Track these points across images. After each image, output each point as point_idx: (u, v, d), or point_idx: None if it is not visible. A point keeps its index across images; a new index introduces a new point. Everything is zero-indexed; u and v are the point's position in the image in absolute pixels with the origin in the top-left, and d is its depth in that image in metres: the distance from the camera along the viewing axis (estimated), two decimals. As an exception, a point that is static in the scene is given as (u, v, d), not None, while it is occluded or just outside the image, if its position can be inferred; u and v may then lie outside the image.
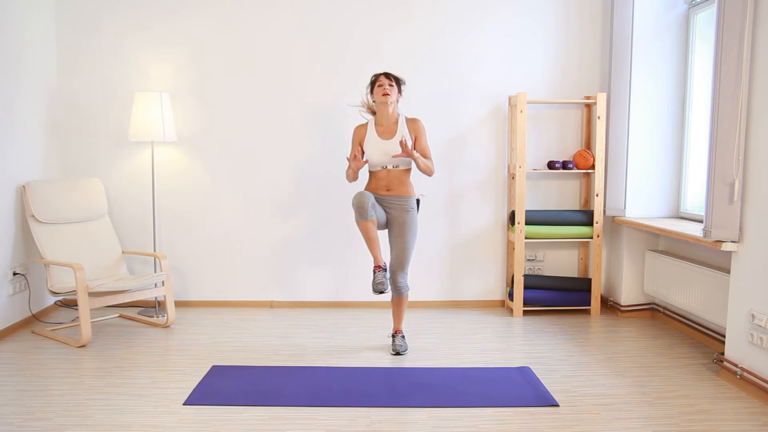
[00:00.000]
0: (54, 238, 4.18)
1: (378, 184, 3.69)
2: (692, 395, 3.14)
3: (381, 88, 3.65)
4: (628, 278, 4.55)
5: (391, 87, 3.65)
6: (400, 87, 3.73)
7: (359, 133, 3.75)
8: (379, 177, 3.69)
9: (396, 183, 3.67)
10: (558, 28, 4.69)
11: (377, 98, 3.67)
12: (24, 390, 3.17)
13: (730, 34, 3.15)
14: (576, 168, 4.61)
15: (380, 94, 3.65)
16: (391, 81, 3.67)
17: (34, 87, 4.37)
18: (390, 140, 3.65)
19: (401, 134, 3.66)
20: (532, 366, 3.53)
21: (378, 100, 3.67)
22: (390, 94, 3.64)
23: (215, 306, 4.78)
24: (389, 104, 3.66)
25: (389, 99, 3.64)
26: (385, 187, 3.68)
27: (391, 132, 3.68)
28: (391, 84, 3.66)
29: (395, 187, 3.68)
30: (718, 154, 3.24)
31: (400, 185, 3.68)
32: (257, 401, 3.03)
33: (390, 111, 3.68)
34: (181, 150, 4.69)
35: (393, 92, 3.66)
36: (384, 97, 3.63)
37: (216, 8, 4.61)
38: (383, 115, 3.70)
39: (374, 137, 3.67)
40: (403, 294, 3.74)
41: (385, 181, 3.68)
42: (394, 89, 3.66)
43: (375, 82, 3.70)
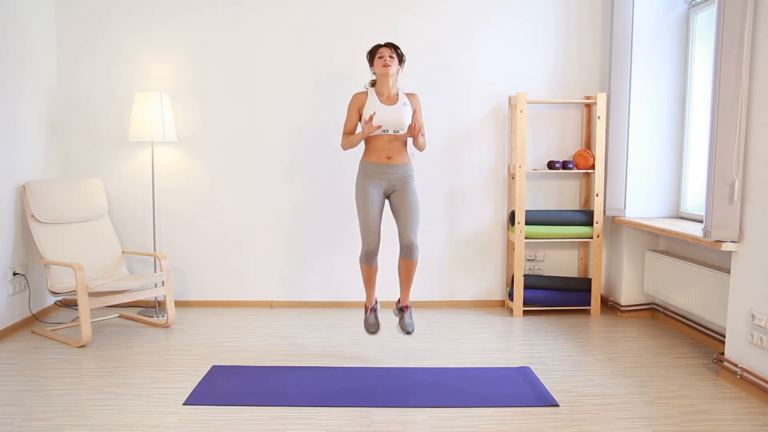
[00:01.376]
0: (54, 238, 4.18)
1: (379, 154, 3.61)
2: (692, 395, 3.14)
3: (381, 59, 3.58)
4: (628, 278, 4.55)
5: (391, 58, 3.58)
6: (400, 58, 3.66)
7: (358, 100, 3.66)
8: (379, 146, 3.60)
9: (396, 152, 3.61)
10: (558, 28, 4.69)
11: (377, 69, 3.60)
12: (24, 390, 3.17)
13: (730, 34, 3.15)
14: (576, 168, 4.61)
15: (381, 65, 3.58)
16: (391, 51, 3.61)
17: (35, 87, 4.37)
18: (393, 106, 3.59)
19: (403, 102, 3.62)
20: (532, 366, 3.53)
21: (378, 71, 3.61)
22: (390, 65, 3.57)
23: (215, 306, 4.78)
24: (390, 75, 3.60)
25: (390, 70, 3.58)
26: (386, 156, 3.60)
27: (393, 100, 3.63)
28: (392, 55, 3.60)
29: (395, 156, 3.61)
30: (718, 154, 3.24)
31: (399, 153, 3.62)
32: (257, 401, 3.03)
33: (391, 83, 3.63)
34: (181, 150, 4.69)
35: (393, 63, 3.59)
36: (384, 69, 3.57)
37: (216, 8, 4.61)
38: (383, 86, 3.63)
39: (376, 103, 3.59)
40: (414, 255, 3.56)
41: (385, 150, 3.60)
42: (394, 60, 3.60)
43: (375, 52, 3.64)
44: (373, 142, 3.63)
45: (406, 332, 3.67)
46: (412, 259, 3.59)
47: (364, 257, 3.64)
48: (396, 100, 3.64)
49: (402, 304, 3.73)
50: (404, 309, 3.71)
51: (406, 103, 3.64)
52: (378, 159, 3.61)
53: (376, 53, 3.64)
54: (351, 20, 4.63)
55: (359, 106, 3.65)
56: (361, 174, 3.66)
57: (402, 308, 3.73)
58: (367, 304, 3.78)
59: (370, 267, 3.67)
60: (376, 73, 3.64)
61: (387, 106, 3.60)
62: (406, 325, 3.67)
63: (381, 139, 3.60)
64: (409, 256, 3.58)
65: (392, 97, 3.64)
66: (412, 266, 3.63)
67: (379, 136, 3.59)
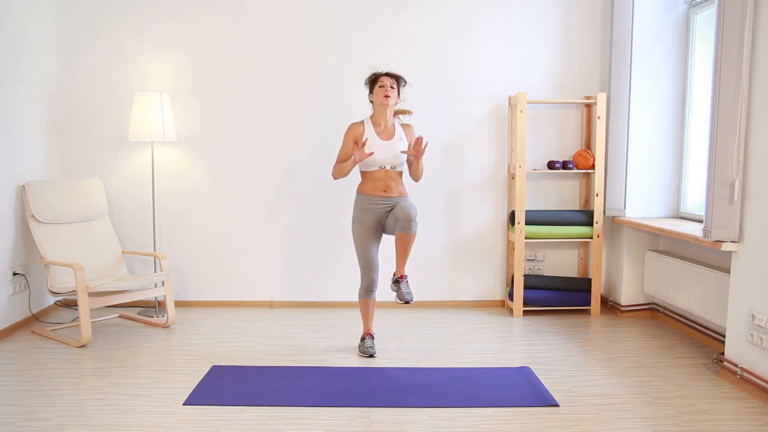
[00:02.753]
0: (54, 238, 4.18)
1: (375, 185, 3.62)
2: (692, 395, 3.14)
3: (383, 89, 3.59)
4: (628, 278, 4.55)
5: (392, 89, 3.60)
6: (400, 89, 3.67)
7: (355, 131, 3.65)
8: (376, 178, 3.62)
9: (393, 184, 3.63)
10: (558, 28, 4.69)
11: (377, 99, 3.62)
12: (24, 390, 3.17)
13: (730, 34, 3.15)
14: (576, 168, 4.61)
15: (381, 95, 3.59)
16: (393, 82, 3.62)
17: (35, 87, 4.37)
18: (390, 141, 3.62)
19: (399, 137, 3.64)
20: (532, 366, 3.53)
21: (378, 101, 3.61)
22: (391, 97, 3.58)
23: (215, 306, 4.78)
24: (389, 107, 3.62)
25: (390, 101, 3.59)
26: (382, 189, 3.62)
27: (389, 133, 3.65)
28: (393, 86, 3.61)
29: (392, 188, 3.63)
30: (718, 154, 3.24)
31: (397, 186, 3.65)
32: (257, 401, 3.03)
33: (389, 114, 3.64)
34: (181, 150, 4.69)
35: (393, 95, 3.60)
36: (385, 99, 3.58)
37: (216, 9, 4.61)
38: (381, 116, 3.65)
39: (374, 137, 3.61)
40: (412, 228, 3.44)
41: (382, 182, 3.62)
42: (394, 92, 3.61)
43: (376, 81, 3.64)
44: (370, 173, 3.64)
45: (405, 301, 3.56)
46: (410, 231, 3.47)
47: (363, 291, 3.72)
48: (392, 134, 3.65)
49: (398, 276, 3.61)
50: (400, 279, 3.60)
51: (402, 138, 3.65)
52: (375, 191, 3.63)
53: (377, 81, 3.62)
54: (351, 20, 4.63)
55: (356, 137, 3.64)
56: (358, 207, 3.67)
57: (398, 279, 3.61)
58: (365, 332, 3.81)
59: (369, 300, 3.76)
60: (375, 102, 3.64)
61: (384, 141, 3.61)
62: (404, 294, 3.56)
63: (378, 171, 3.62)
64: (407, 229, 3.45)
65: (389, 130, 3.66)
66: (409, 238, 3.51)
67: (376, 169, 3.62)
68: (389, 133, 3.64)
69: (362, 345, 3.75)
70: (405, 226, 3.45)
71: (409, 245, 3.55)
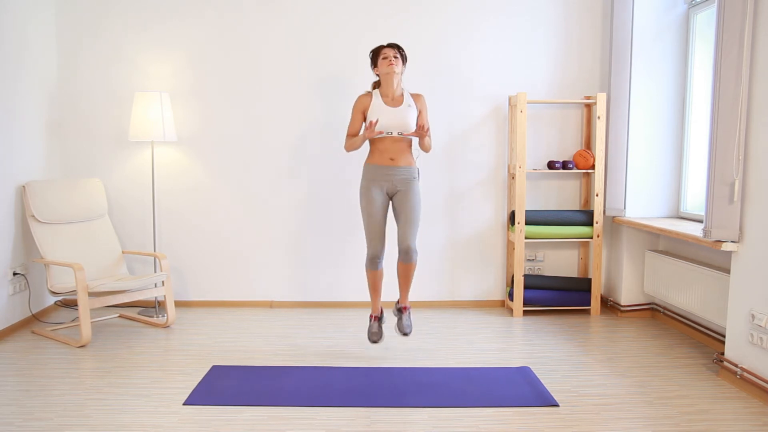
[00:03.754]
0: (54, 238, 4.18)
1: (382, 156, 3.58)
2: (692, 395, 3.14)
3: (386, 59, 3.55)
4: (628, 278, 4.55)
5: (396, 58, 3.55)
6: (404, 58, 3.63)
7: (363, 102, 3.62)
8: (383, 148, 3.58)
9: (399, 153, 3.58)
10: (558, 28, 4.69)
11: (382, 69, 3.57)
12: (24, 390, 3.17)
13: (730, 34, 3.15)
14: (576, 168, 4.61)
15: (386, 65, 3.54)
16: (395, 52, 3.58)
17: (35, 87, 4.37)
18: (398, 107, 3.57)
19: (408, 103, 3.59)
20: (532, 366, 3.53)
21: (383, 71, 3.57)
22: (395, 65, 3.54)
23: (215, 306, 4.78)
24: (395, 75, 3.56)
25: (395, 69, 3.54)
26: (389, 158, 3.58)
27: (398, 101, 3.60)
28: (396, 55, 3.56)
29: (399, 157, 3.58)
30: (718, 154, 3.24)
31: (404, 155, 3.60)
32: (257, 401, 3.03)
33: (395, 83, 3.59)
34: (181, 150, 4.69)
35: (398, 63, 3.56)
36: (389, 68, 3.53)
37: (216, 9, 4.61)
38: (388, 86, 3.60)
39: (381, 105, 3.57)
40: (412, 258, 3.53)
41: (389, 152, 3.57)
42: (398, 60, 3.57)
43: (378, 53, 3.60)
44: (377, 143, 3.60)
45: (403, 333, 3.67)
46: (410, 262, 3.57)
47: (369, 262, 3.65)
48: (401, 101, 3.61)
49: (401, 305, 3.73)
50: (403, 310, 3.71)
51: (411, 104, 3.62)
52: (381, 161, 3.59)
53: (379, 54, 3.61)
54: (351, 20, 4.63)
55: (363, 108, 3.62)
56: (365, 177, 3.64)
57: (401, 309, 3.72)
58: (372, 313, 3.78)
59: (376, 271, 3.67)
60: (380, 73, 3.61)
61: (392, 108, 3.57)
62: (403, 326, 3.67)
63: (385, 141, 3.58)
64: (407, 260, 3.56)
65: (397, 99, 3.61)
66: (410, 269, 3.61)
67: (383, 137, 3.57)
68: (397, 102, 3.61)
69: (368, 329, 3.74)
70: (405, 257, 3.55)
71: (410, 275, 3.62)
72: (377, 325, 3.73)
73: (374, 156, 3.62)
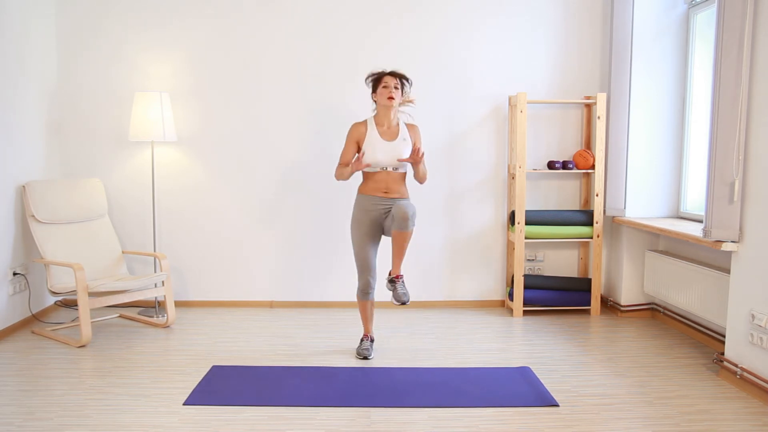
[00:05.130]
0: (54, 238, 4.18)
1: (376, 186, 3.58)
2: (692, 395, 3.14)
3: (386, 90, 3.52)
4: (628, 278, 4.55)
5: (396, 90, 3.53)
6: (404, 89, 3.61)
7: (357, 132, 3.60)
8: (377, 179, 3.57)
9: (394, 186, 3.58)
10: (558, 28, 4.69)
11: (381, 100, 3.55)
12: (24, 390, 3.17)
13: (730, 34, 3.15)
14: (576, 168, 4.61)
15: (385, 96, 3.52)
16: (396, 82, 3.54)
17: (35, 87, 4.37)
18: (393, 142, 3.56)
19: (403, 137, 3.58)
20: (532, 366, 3.53)
21: (381, 102, 3.55)
22: (395, 98, 3.52)
23: (215, 306, 4.78)
24: (393, 108, 3.56)
25: (393, 103, 3.53)
26: (383, 190, 3.57)
27: (393, 133, 3.59)
28: (396, 86, 3.53)
29: (393, 190, 3.58)
30: (718, 154, 3.24)
31: (398, 188, 3.60)
32: (257, 401, 3.03)
33: (392, 114, 3.59)
34: (181, 150, 4.69)
35: (398, 96, 3.54)
36: (389, 101, 3.52)
37: (216, 8, 4.61)
38: (385, 117, 3.59)
39: (376, 138, 3.55)
40: (408, 227, 3.38)
41: (383, 183, 3.57)
42: (398, 92, 3.54)
43: (380, 80, 3.57)
44: (372, 174, 3.59)
45: (401, 302, 3.50)
46: (406, 229, 3.40)
47: (360, 292, 3.68)
48: (396, 134, 3.58)
49: (393, 275, 3.56)
50: (396, 279, 3.54)
51: (406, 138, 3.59)
52: (375, 192, 3.59)
53: (380, 82, 3.56)
54: (352, 21, 4.63)
55: (358, 138, 3.59)
56: (357, 207, 3.64)
57: (393, 279, 3.55)
58: (366, 333, 3.80)
59: (366, 302, 3.72)
60: (378, 103, 3.58)
61: (387, 141, 3.55)
62: (399, 294, 3.51)
63: (379, 173, 3.56)
64: (404, 227, 3.38)
65: (393, 130, 3.59)
66: (405, 237, 3.44)
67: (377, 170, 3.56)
68: (392, 134, 3.58)
69: (359, 346, 3.75)
70: (401, 224, 3.39)
71: (405, 244, 3.48)
72: (369, 343, 3.75)
73: (368, 186, 3.61)
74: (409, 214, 3.38)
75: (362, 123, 3.63)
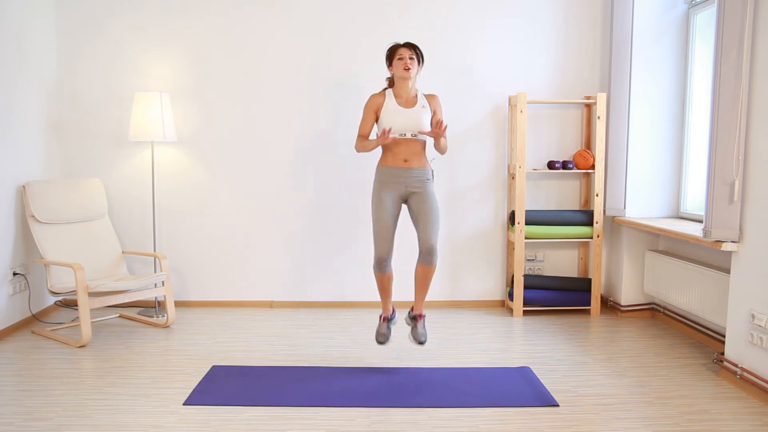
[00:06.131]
0: (54, 238, 4.18)
1: (396, 158, 3.49)
2: (692, 395, 3.14)
3: (402, 61, 3.46)
4: (628, 278, 4.55)
5: (411, 60, 3.46)
6: (420, 58, 3.54)
7: (375, 102, 3.51)
8: (396, 150, 3.49)
9: (413, 155, 3.50)
10: (558, 28, 4.69)
11: (398, 72, 3.48)
12: (24, 390, 3.17)
13: (730, 34, 3.15)
14: (576, 168, 4.61)
15: (401, 68, 3.46)
16: (412, 53, 3.48)
17: (35, 87, 4.37)
18: (412, 108, 3.48)
19: (422, 104, 3.51)
20: (532, 366, 3.53)
21: (398, 74, 3.48)
22: (411, 69, 3.46)
23: (215, 306, 4.78)
24: (410, 79, 3.50)
25: (411, 73, 3.46)
26: (402, 159, 3.49)
27: (411, 102, 3.52)
28: (412, 57, 3.47)
29: (413, 159, 3.50)
30: (718, 154, 3.24)
31: (418, 157, 3.51)
32: (257, 401, 3.03)
33: (410, 85, 3.52)
34: (181, 150, 4.69)
35: (414, 66, 3.48)
36: (405, 72, 3.45)
37: (216, 9, 4.61)
38: (402, 88, 3.52)
39: (394, 106, 3.48)
40: (433, 261, 3.41)
41: (403, 153, 3.49)
42: (414, 62, 3.48)
43: (394, 53, 3.51)
44: (391, 145, 3.50)
45: (419, 342, 3.50)
46: (431, 264, 3.44)
47: (376, 265, 3.52)
48: (414, 102, 3.52)
49: (415, 313, 3.56)
50: (417, 318, 3.54)
51: (425, 105, 3.53)
52: (395, 162, 3.50)
53: (395, 54, 3.51)
54: (353, 21, 4.63)
55: (376, 108, 3.53)
56: (378, 179, 3.54)
57: (415, 317, 3.55)
58: (383, 314, 3.65)
59: (384, 274, 3.53)
60: (395, 75, 3.53)
61: (405, 108, 3.49)
62: (418, 334, 3.51)
63: (398, 143, 3.48)
64: (429, 261, 3.43)
65: (411, 100, 3.53)
66: (429, 272, 3.48)
67: (397, 139, 3.48)
68: (411, 103, 3.52)
69: (376, 331, 3.61)
70: (426, 258, 3.42)
71: (428, 279, 3.49)
72: (386, 326, 3.61)
73: (387, 158, 3.53)
74: (434, 246, 3.39)
75: (380, 93, 3.57)
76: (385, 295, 3.60)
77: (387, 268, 3.53)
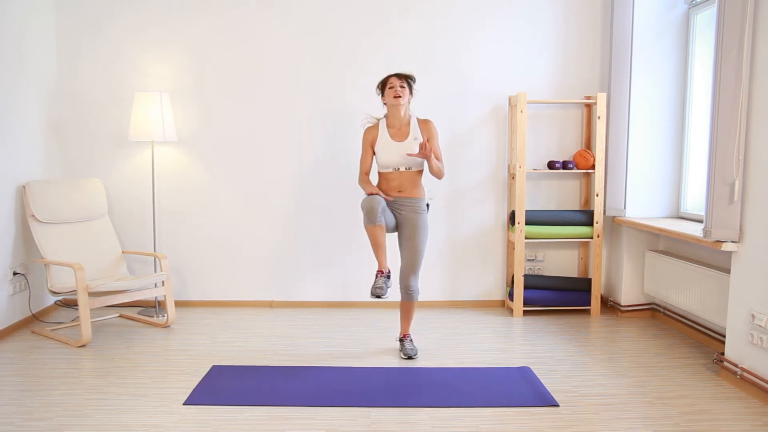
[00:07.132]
0: (54, 238, 4.18)
1: (389, 185, 3.64)
2: (692, 395, 3.14)
3: (392, 90, 3.58)
4: (628, 278, 4.55)
5: (402, 88, 3.58)
6: (411, 87, 3.65)
7: (370, 135, 3.67)
8: (390, 178, 3.64)
9: (407, 185, 3.63)
10: (558, 28, 4.69)
11: (388, 100, 3.61)
12: (24, 390, 3.17)
13: (730, 35, 3.15)
14: (576, 168, 4.61)
15: (391, 96, 3.58)
16: (402, 82, 3.60)
17: (35, 87, 4.37)
18: (403, 142, 3.60)
19: (414, 136, 3.61)
20: (532, 366, 3.53)
21: (389, 102, 3.61)
22: (402, 96, 3.57)
23: (215, 306, 4.78)
24: (401, 106, 3.60)
25: (401, 101, 3.58)
26: (396, 189, 3.63)
27: (404, 133, 3.63)
28: (402, 85, 3.59)
29: (407, 189, 3.63)
30: (718, 154, 3.24)
31: (412, 187, 3.64)
32: (257, 401, 3.03)
33: (402, 113, 3.62)
34: (181, 150, 4.69)
35: (404, 94, 3.59)
36: (396, 100, 3.57)
37: (216, 9, 4.61)
38: (395, 117, 3.64)
39: (387, 139, 3.62)
40: (413, 298, 3.65)
41: (396, 182, 3.63)
42: (405, 90, 3.59)
43: (385, 83, 3.64)
44: (386, 174, 3.66)
45: (408, 357, 3.66)
46: (411, 300, 3.66)
47: (366, 217, 3.48)
48: (407, 134, 3.62)
49: (401, 335, 3.77)
50: (404, 338, 3.76)
51: (417, 137, 3.62)
52: (388, 191, 3.66)
53: (386, 84, 3.63)
54: (353, 21, 4.63)
55: (371, 142, 3.67)
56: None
57: (402, 338, 3.76)
58: (379, 268, 3.60)
59: (375, 226, 3.48)
60: (387, 104, 3.64)
61: (398, 142, 3.60)
62: (407, 350, 3.67)
63: (393, 173, 3.64)
64: (408, 298, 3.65)
65: (404, 130, 3.63)
66: (411, 306, 3.70)
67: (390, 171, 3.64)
68: (403, 134, 3.62)
69: (372, 285, 3.56)
70: (405, 296, 3.65)
71: (411, 311, 3.72)
72: (382, 280, 3.55)
73: (382, 186, 3.68)
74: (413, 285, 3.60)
75: (374, 127, 3.69)
76: (379, 248, 3.56)
77: (377, 219, 3.47)
